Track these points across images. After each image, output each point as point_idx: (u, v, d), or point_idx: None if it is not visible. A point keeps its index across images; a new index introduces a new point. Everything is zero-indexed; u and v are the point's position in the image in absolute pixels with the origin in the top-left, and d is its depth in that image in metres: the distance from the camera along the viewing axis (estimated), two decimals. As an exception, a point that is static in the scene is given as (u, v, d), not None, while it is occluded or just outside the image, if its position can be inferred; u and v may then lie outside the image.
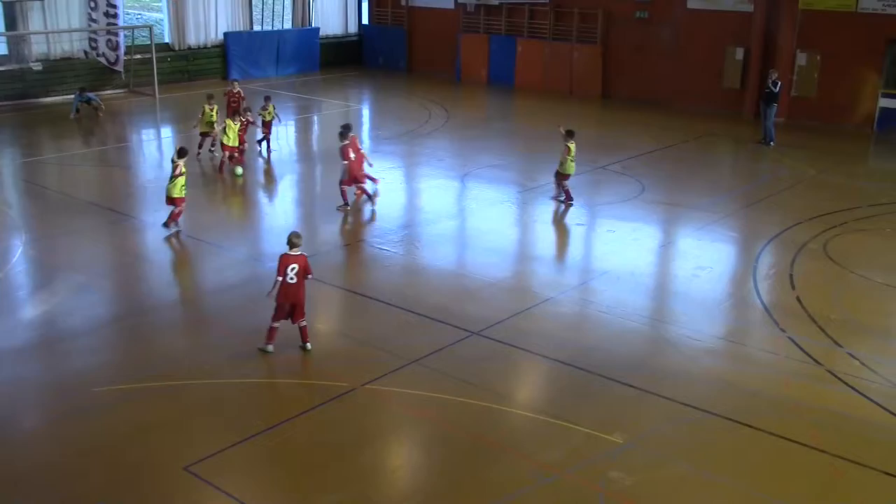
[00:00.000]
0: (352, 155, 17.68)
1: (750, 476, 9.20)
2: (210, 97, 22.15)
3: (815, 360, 11.80)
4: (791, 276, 15.00)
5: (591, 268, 15.52)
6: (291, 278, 11.14)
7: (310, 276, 11.36)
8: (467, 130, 26.61)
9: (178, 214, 16.19)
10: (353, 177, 17.88)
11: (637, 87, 31.88)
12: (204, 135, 21.84)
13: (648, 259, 15.92)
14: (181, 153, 16.21)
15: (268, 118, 22.43)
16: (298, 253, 11.18)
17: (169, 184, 16.13)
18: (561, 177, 18.72)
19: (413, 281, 14.79)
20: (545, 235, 17.57)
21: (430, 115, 28.41)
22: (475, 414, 10.26)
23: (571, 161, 18.41)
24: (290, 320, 11.42)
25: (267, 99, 22.79)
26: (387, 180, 19.87)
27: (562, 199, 18.77)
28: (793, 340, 12.37)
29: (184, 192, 16.20)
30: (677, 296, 14.47)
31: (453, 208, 18.90)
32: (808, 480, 9.17)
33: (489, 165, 22.15)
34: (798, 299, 13.92)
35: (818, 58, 28.18)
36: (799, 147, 24.99)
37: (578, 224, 17.97)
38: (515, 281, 14.81)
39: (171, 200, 16.17)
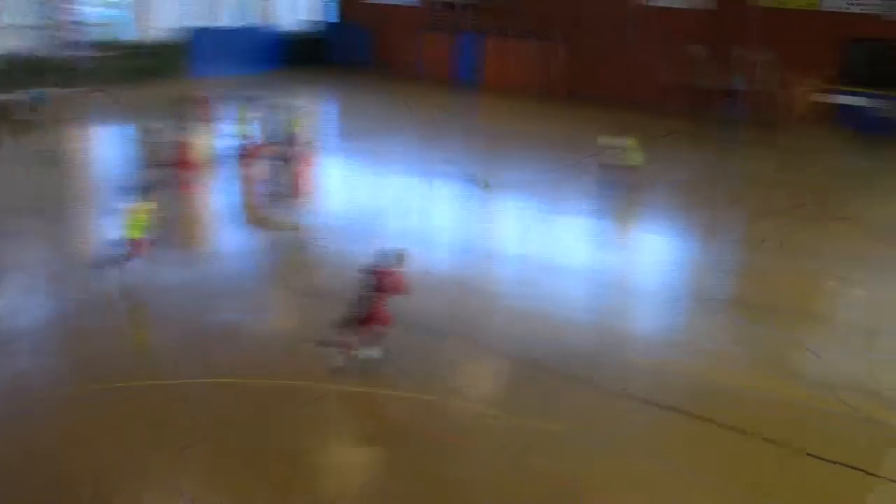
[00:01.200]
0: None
1: (694, 465, 9.20)
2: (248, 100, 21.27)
3: (771, 352, 11.90)
4: (748, 270, 15.07)
5: (549, 262, 15.48)
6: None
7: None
8: (429, 128, 26.51)
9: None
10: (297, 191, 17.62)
11: (603, 86, 31.92)
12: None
13: (607, 254, 15.92)
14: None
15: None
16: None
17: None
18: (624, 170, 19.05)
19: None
20: (505, 231, 17.51)
21: (396, 113, 28.28)
22: (420, 409, 10.17)
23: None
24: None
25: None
26: (353, 177, 19.69)
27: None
28: (742, 332, 12.50)
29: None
30: (634, 290, 14.48)
31: (411, 205, 18.78)
32: (756, 470, 9.18)
33: (449, 162, 22.05)
34: (755, 293, 14.01)
35: (774, 55, 28.38)
36: (759, 144, 25.12)
37: (538, 219, 17.94)
38: (454, 273, 14.71)
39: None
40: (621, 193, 19.34)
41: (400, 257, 10.73)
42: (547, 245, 16.68)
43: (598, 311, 13.31)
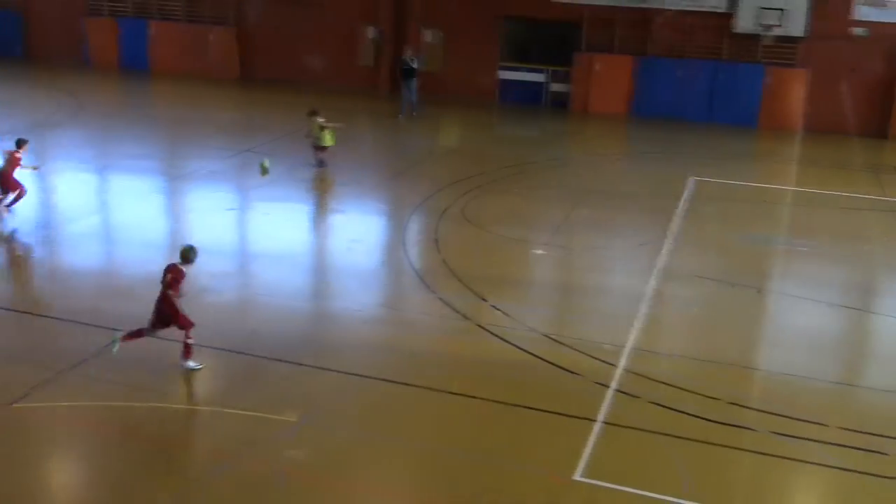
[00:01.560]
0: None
1: (420, 432, 9.74)
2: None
3: (464, 315, 12.74)
4: (436, 240, 16.02)
5: (248, 251, 15.41)
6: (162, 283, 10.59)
7: (178, 295, 10.59)
8: (104, 119, 24.96)
9: None
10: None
11: (276, 68, 31.91)
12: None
13: (304, 237, 16.14)
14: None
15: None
16: (181, 266, 10.59)
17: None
18: (318, 149, 19.79)
19: (54, 285, 13.67)
20: (198, 223, 17.07)
21: (59, 105, 26.21)
22: (145, 415, 9.78)
23: (326, 134, 19.73)
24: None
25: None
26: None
27: (320, 166, 19.87)
28: (444, 300, 13.24)
29: None
30: (334, 270, 14.85)
31: (95, 203, 17.69)
32: (470, 428, 9.92)
33: (130, 156, 20.98)
34: (444, 262, 14.92)
35: (442, 34, 30.14)
36: (434, 119, 26.59)
37: (230, 209, 17.70)
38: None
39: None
40: (313, 174, 19.62)
41: (187, 252, 10.55)
42: (247, 234, 16.54)
43: (308, 295, 13.49)
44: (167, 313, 10.56)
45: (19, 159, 15.89)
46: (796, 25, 26.96)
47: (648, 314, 13.06)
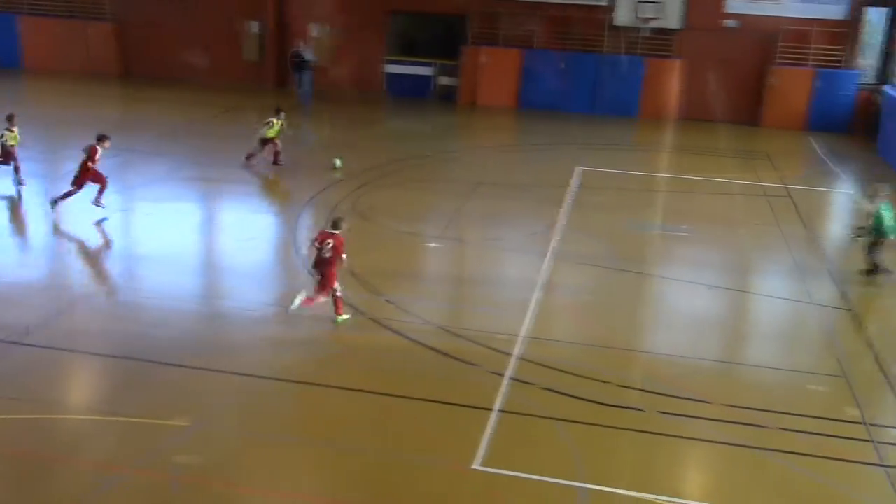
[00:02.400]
0: None
1: (317, 431, 9.66)
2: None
3: (359, 311, 12.69)
4: (329, 236, 15.89)
5: (133, 254, 14.94)
6: (325, 253, 11.79)
7: (342, 257, 11.91)
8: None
9: None
10: None
11: (158, 64, 31.05)
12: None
13: (191, 237, 15.75)
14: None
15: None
16: (339, 234, 11.89)
17: None
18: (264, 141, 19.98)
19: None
20: (77, 228, 16.43)
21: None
22: (21, 429, 9.36)
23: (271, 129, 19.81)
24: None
25: None
26: None
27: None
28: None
29: None
30: (225, 270, 14.55)
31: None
32: (367, 423, 9.89)
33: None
34: (338, 257, 14.82)
35: (330, 29, 29.92)
36: (324, 113, 26.39)
37: (120, 210, 17.12)
38: (50, 279, 13.71)
39: None
40: (196, 173, 19.18)
41: (338, 221, 12.09)
42: (132, 235, 16.03)
43: (197, 296, 13.17)
44: (327, 275, 11.86)
45: (97, 151, 16.20)
46: (672, 18, 27.93)
47: (541, 302, 13.31)
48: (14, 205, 16.92)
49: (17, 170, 17.44)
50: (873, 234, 14.85)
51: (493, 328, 12.23)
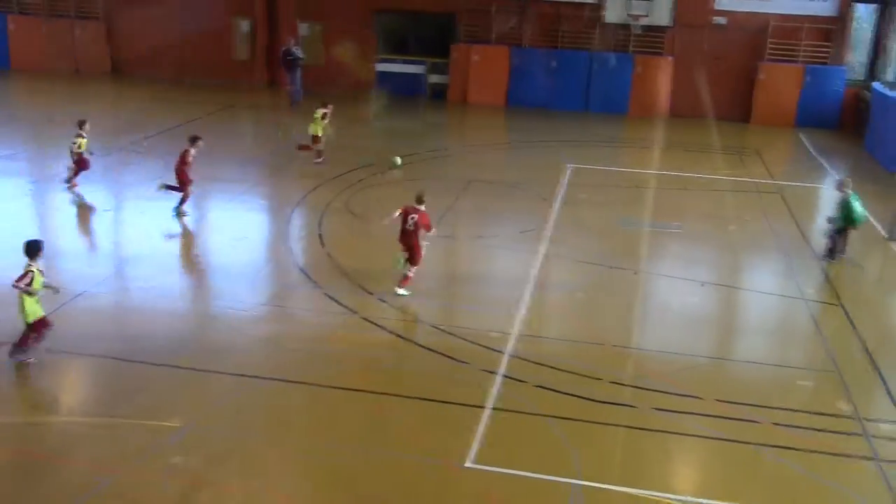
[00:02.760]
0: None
1: (310, 430, 9.67)
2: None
3: (351, 309, 12.69)
4: (320, 235, 15.90)
5: (125, 254, 14.90)
6: (409, 226, 12.80)
7: (430, 232, 13.11)
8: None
9: None
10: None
11: (148, 63, 30.97)
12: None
13: (185, 237, 15.73)
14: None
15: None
16: (422, 209, 12.87)
17: None
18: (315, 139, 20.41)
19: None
20: (71, 226, 16.41)
21: None
22: (15, 431, 9.35)
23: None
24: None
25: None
26: None
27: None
28: (329, 295, 13.15)
29: None
30: (217, 269, 14.54)
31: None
32: (360, 422, 9.90)
33: (-8, 157, 19.98)
34: (329, 256, 14.82)
35: (319, 28, 29.89)
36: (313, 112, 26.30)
37: (106, 210, 17.08)
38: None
39: None
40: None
41: (422, 196, 13.10)
42: (125, 235, 16.00)
43: (190, 296, 13.16)
44: (413, 247, 12.89)
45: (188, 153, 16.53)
46: (662, 15, 27.97)
47: (533, 300, 13.34)
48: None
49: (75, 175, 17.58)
50: (842, 222, 15.47)
51: (486, 326, 12.25)
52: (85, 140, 17.43)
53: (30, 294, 10.29)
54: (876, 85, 25.79)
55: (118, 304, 12.87)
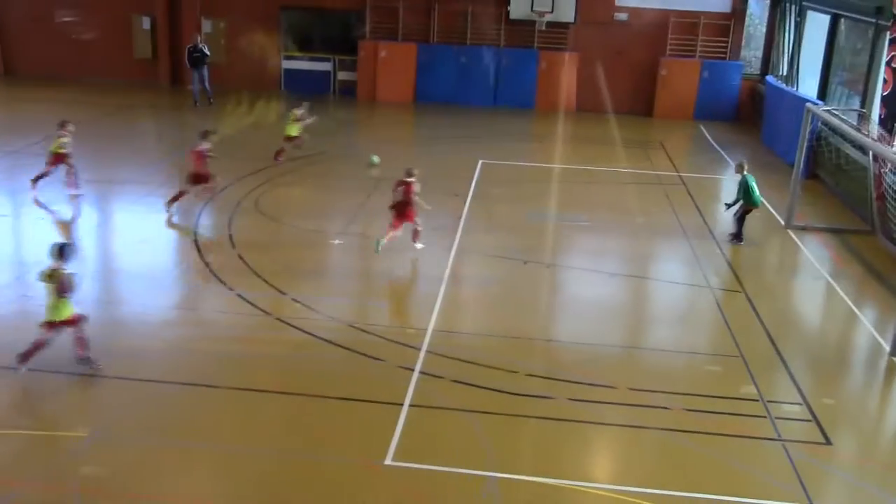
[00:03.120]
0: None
1: (224, 435, 9.47)
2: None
3: (264, 311, 12.51)
4: (231, 235, 15.61)
5: (25, 260, 14.33)
6: (398, 196, 14.78)
7: (416, 199, 14.73)
8: None
9: None
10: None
11: (43, 63, 29.85)
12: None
13: (88, 241, 15.21)
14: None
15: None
16: (410, 180, 14.65)
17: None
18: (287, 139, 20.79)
19: None
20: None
21: None
22: None
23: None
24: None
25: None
26: None
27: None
28: (242, 297, 12.93)
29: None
30: (122, 273, 14.12)
31: None
32: (277, 424, 9.76)
33: None
34: (240, 256, 14.57)
35: (223, 25, 29.32)
36: (219, 111, 25.83)
37: (2, 215, 16.39)
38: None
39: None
40: (90, 175, 18.51)
41: (410, 171, 14.77)
42: (21, 241, 15.38)
43: (94, 302, 12.68)
44: (406, 213, 14.69)
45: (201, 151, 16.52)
46: (566, 11, 28.41)
47: (447, 296, 13.38)
48: None
49: (40, 177, 17.16)
50: (742, 202, 16.43)
51: (401, 323, 12.26)
52: (65, 140, 16.96)
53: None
54: (769, 78, 26.78)
55: (20, 311, 12.34)
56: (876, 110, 18.71)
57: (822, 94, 22.71)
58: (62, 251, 10.42)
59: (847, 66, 22.26)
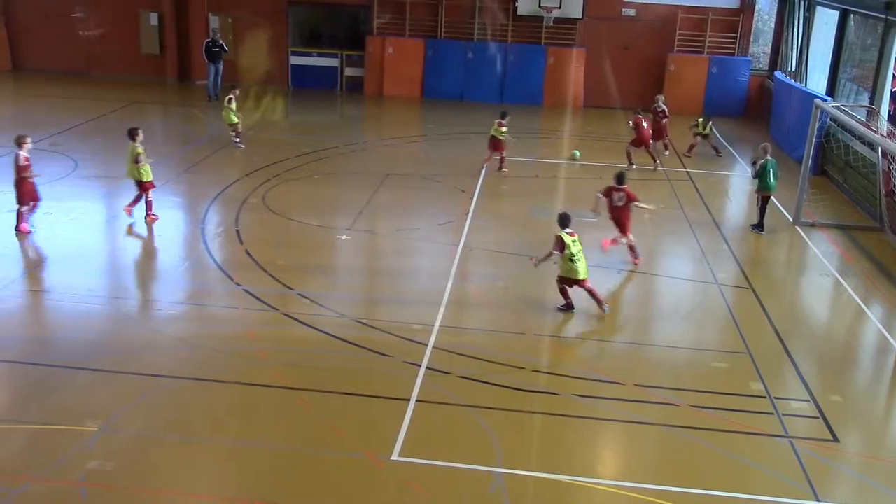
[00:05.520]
0: None
1: (231, 429, 9.49)
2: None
3: (271, 306, 12.53)
4: (238, 231, 15.63)
5: (33, 255, 14.38)
6: (618, 202, 14.76)
7: (637, 202, 14.81)
8: None
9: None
10: None
11: (51, 58, 29.91)
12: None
13: (96, 236, 15.26)
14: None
15: None
16: (624, 186, 14.80)
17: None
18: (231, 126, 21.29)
19: None
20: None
21: None
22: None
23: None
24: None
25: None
26: None
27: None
28: (248, 292, 12.95)
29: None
30: (131, 269, 14.17)
31: None
32: (284, 419, 9.77)
33: None
34: (247, 252, 14.59)
35: (230, 21, 29.33)
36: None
37: (9, 210, 16.43)
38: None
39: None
40: (97, 171, 18.56)
41: (621, 176, 15.03)
42: (31, 236, 15.42)
43: (103, 297, 12.75)
44: (622, 221, 14.78)
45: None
46: (574, 7, 28.35)
47: (454, 291, 13.38)
48: None
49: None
50: (757, 185, 17.02)
51: (408, 319, 12.24)
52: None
53: None
54: (777, 74, 26.67)
55: (29, 306, 12.40)
56: (885, 106, 18.62)
57: (831, 90, 22.61)
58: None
59: (856, 62, 22.15)
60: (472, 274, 14.35)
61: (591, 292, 12.76)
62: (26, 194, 15.00)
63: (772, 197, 17.24)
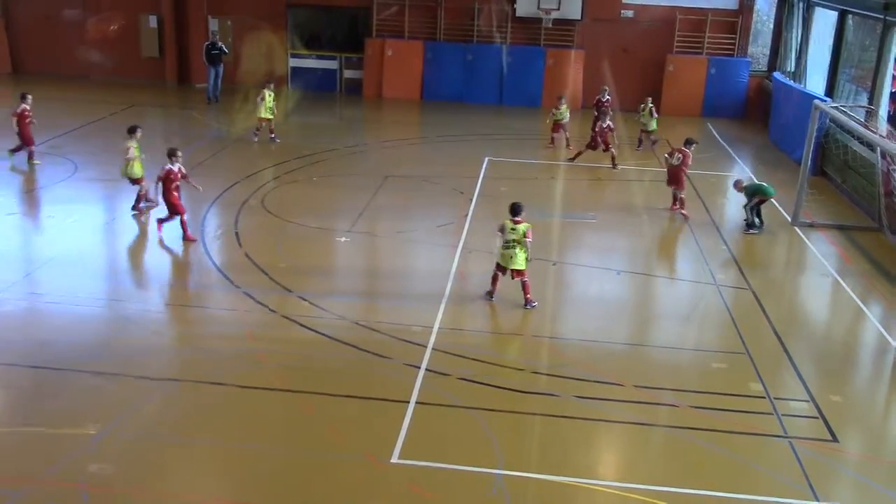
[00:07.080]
0: None
1: (231, 432, 9.49)
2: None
3: (270, 308, 12.54)
4: (237, 233, 15.65)
5: (34, 258, 14.40)
6: (675, 161, 17.42)
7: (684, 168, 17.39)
8: None
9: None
10: None
11: (52, 61, 29.93)
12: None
13: (94, 239, 15.28)
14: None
15: None
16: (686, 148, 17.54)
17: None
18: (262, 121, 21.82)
19: None
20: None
21: None
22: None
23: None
24: None
25: None
26: None
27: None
28: (248, 295, 12.97)
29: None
30: (131, 272, 14.18)
31: None
32: (284, 422, 9.78)
33: None
34: (247, 255, 14.60)
35: (229, 23, 29.37)
36: (228, 110, 25.89)
37: (10, 213, 16.45)
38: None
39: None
40: (97, 174, 18.56)
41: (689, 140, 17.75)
42: (32, 239, 15.45)
43: (103, 300, 12.76)
44: (677, 178, 17.45)
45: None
46: (573, 9, 28.37)
47: (453, 293, 13.40)
48: None
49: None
50: (758, 192, 17.13)
51: (408, 320, 12.26)
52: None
53: None
54: (776, 75, 26.69)
55: (29, 309, 12.42)
56: (884, 107, 18.65)
57: (830, 90, 22.63)
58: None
59: (855, 63, 22.17)
60: (472, 275, 14.34)
61: (523, 285, 12.95)
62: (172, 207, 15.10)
63: (771, 199, 17.28)
